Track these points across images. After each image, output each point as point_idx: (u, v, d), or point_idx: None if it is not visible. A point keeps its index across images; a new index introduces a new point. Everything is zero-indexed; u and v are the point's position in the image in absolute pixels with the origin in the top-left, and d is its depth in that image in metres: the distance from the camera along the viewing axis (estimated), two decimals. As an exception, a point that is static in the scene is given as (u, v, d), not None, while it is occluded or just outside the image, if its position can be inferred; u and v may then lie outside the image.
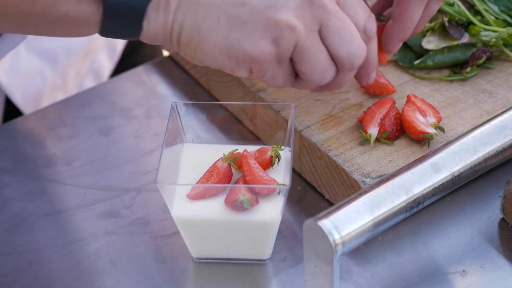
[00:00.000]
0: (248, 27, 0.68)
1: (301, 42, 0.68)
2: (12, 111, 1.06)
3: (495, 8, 0.89)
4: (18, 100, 1.04)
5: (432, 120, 0.79)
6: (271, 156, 0.75)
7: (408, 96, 0.81)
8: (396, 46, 0.80)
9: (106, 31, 0.70)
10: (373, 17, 0.73)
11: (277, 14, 0.68)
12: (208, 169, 0.74)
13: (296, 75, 0.72)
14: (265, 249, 0.74)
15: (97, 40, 1.11)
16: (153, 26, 0.69)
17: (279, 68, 0.70)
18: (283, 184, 0.72)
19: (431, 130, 0.78)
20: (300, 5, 0.68)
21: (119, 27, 0.69)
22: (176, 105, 0.77)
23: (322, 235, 0.66)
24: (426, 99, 0.83)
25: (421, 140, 0.79)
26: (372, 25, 0.72)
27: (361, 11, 0.72)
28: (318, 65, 0.70)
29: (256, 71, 0.70)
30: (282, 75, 0.71)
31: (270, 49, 0.68)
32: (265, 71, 0.70)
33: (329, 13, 0.69)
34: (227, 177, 0.74)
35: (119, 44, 1.14)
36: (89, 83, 1.11)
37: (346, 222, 0.67)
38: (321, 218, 0.67)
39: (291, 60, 0.71)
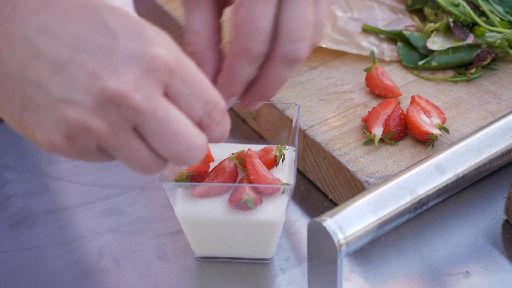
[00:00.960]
0: (40, 114, 0.58)
1: (104, 142, 0.58)
2: None
3: (500, 9, 0.89)
4: None
5: (436, 121, 0.79)
6: (276, 156, 0.75)
7: (412, 97, 0.81)
8: (229, 103, 0.69)
9: None
10: (217, 109, 0.61)
11: (69, 112, 0.57)
12: (214, 168, 0.74)
13: None
14: (268, 248, 0.74)
15: None
16: None
17: (88, 157, 0.61)
18: (287, 184, 0.72)
19: (435, 131, 0.78)
20: (101, 104, 0.57)
21: None
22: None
23: (326, 235, 0.66)
24: (430, 100, 0.83)
25: (426, 140, 0.79)
26: (211, 119, 0.61)
27: (197, 105, 0.60)
28: (135, 163, 0.60)
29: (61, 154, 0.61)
30: (96, 160, 0.61)
31: (63, 144, 0.59)
32: (69, 157, 0.61)
33: (143, 115, 0.57)
34: (233, 177, 0.74)
35: None
36: None
37: (351, 223, 0.67)
38: (326, 218, 0.67)
39: None
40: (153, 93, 0.58)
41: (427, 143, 0.79)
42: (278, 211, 0.72)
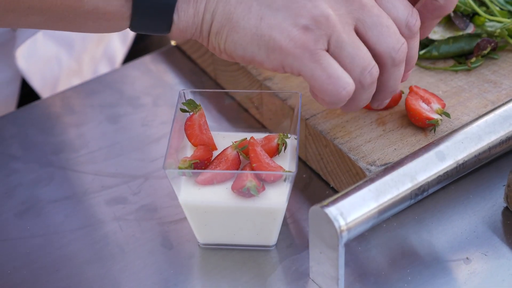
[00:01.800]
0: (279, 15, 0.66)
1: (336, 34, 0.67)
2: (29, 95, 1.07)
3: (500, -1, 0.90)
4: (37, 85, 1.06)
5: (436, 106, 0.80)
6: (278, 144, 0.75)
7: (410, 87, 0.82)
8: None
9: (136, 26, 0.69)
10: (415, 12, 0.71)
11: (310, 3, 0.66)
12: (217, 156, 0.75)
13: None
14: (271, 235, 0.75)
15: None
16: (183, 19, 0.69)
17: (316, 65, 0.67)
18: (289, 171, 0.72)
19: (436, 116, 0.79)
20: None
21: (149, 21, 0.68)
22: (183, 92, 0.77)
23: (328, 221, 0.67)
24: (431, 89, 0.84)
25: (427, 126, 0.79)
26: (415, 20, 0.71)
27: (401, 6, 0.70)
28: (357, 61, 0.67)
29: (287, 64, 0.68)
30: (322, 74, 0.67)
31: (300, 37, 0.66)
32: (298, 65, 0.67)
33: (364, 8, 0.67)
34: (235, 164, 0.74)
35: None
36: (103, 68, 1.12)
37: (352, 209, 0.68)
38: (327, 204, 0.68)
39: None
40: None
41: (428, 130, 0.80)
42: (280, 198, 0.72)
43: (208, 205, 0.73)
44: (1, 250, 0.77)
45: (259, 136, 0.77)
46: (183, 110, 0.76)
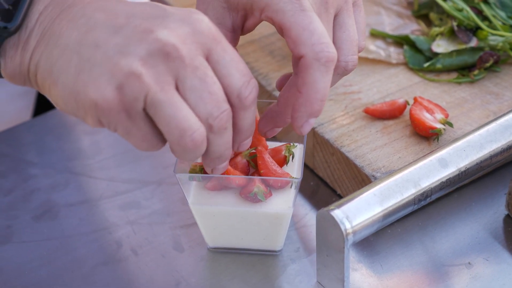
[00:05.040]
0: (96, 71, 0.61)
1: (151, 94, 0.61)
2: (45, 104, 1.09)
3: (503, 14, 0.92)
4: None
5: (439, 116, 0.82)
6: (285, 156, 0.77)
7: (414, 98, 0.84)
8: (304, 123, 0.68)
9: None
10: (253, 83, 0.64)
11: (123, 60, 0.60)
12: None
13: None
14: (277, 240, 0.77)
15: None
16: (10, 65, 0.65)
17: (133, 124, 0.62)
18: (295, 178, 0.74)
19: (439, 126, 0.81)
20: (153, 54, 0.61)
21: None
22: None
23: (334, 224, 0.69)
24: (435, 100, 0.86)
25: (430, 136, 0.82)
26: (249, 92, 0.64)
27: (237, 75, 0.63)
28: (176, 122, 0.61)
29: (105, 122, 0.63)
30: (138, 133, 0.63)
31: (113, 97, 0.61)
32: (115, 123, 0.62)
33: (186, 68, 0.61)
34: (244, 172, 0.76)
35: None
36: None
37: (357, 213, 0.70)
38: (334, 208, 0.70)
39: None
40: (197, 52, 0.62)
41: (431, 139, 0.82)
42: (286, 203, 0.74)
43: (216, 209, 0.74)
44: (18, 251, 0.79)
45: (267, 144, 0.79)
46: None
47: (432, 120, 0.82)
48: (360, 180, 0.80)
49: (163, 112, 0.61)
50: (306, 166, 0.86)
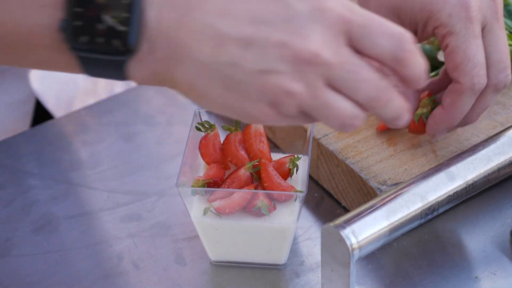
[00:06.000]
0: (244, 88, 0.61)
1: (306, 104, 0.61)
2: (43, 114, 1.09)
3: (509, 22, 0.91)
4: (52, 105, 1.07)
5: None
6: (289, 169, 0.76)
7: None
8: (440, 133, 0.79)
9: (92, 75, 0.64)
10: (407, 36, 0.62)
11: (271, 80, 0.60)
12: (229, 175, 0.76)
13: None
14: (281, 254, 0.76)
15: None
16: (139, 76, 0.63)
17: (295, 120, 0.64)
18: (299, 191, 0.74)
19: (425, 110, 0.80)
20: (297, 67, 0.60)
21: (102, 74, 0.63)
22: (199, 112, 0.79)
23: (340, 239, 0.68)
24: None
25: (421, 125, 0.80)
26: (405, 50, 0.61)
27: (384, 40, 0.61)
28: (336, 119, 0.62)
29: (266, 124, 0.66)
30: (303, 122, 0.64)
31: (269, 112, 0.62)
32: (277, 124, 0.65)
33: (333, 68, 0.60)
34: (248, 185, 0.76)
35: None
36: (119, 89, 1.14)
37: (363, 227, 0.69)
38: (339, 223, 0.69)
39: None
40: (338, 45, 0.61)
41: (438, 150, 0.81)
42: (291, 217, 0.74)
43: (219, 222, 0.74)
44: (18, 265, 0.78)
45: (272, 156, 0.78)
46: (198, 129, 0.78)
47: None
48: (366, 192, 0.79)
49: (320, 114, 0.62)
50: (310, 178, 0.85)
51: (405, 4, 0.76)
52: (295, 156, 0.77)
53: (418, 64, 0.62)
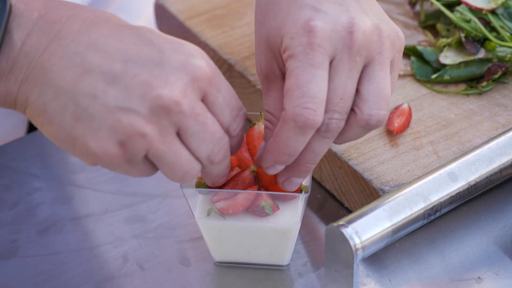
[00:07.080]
0: (95, 122, 0.62)
1: (154, 148, 0.63)
2: None
3: (511, 25, 0.92)
4: None
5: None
6: None
7: None
8: (269, 166, 0.70)
9: None
10: (241, 115, 0.67)
11: (125, 117, 0.62)
12: (233, 176, 0.76)
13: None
14: (284, 255, 0.76)
15: None
16: None
17: (133, 167, 0.65)
18: (302, 192, 0.74)
19: None
20: (155, 111, 0.62)
21: None
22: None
23: (343, 239, 0.69)
24: (443, 112, 0.86)
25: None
26: (237, 124, 0.67)
27: (227, 111, 0.66)
28: (177, 168, 0.65)
29: (103, 166, 0.65)
30: (137, 172, 0.66)
31: (115, 152, 0.63)
32: (113, 169, 0.65)
33: (188, 119, 0.63)
34: (251, 186, 0.76)
35: None
36: None
37: (367, 228, 0.70)
38: (343, 223, 0.69)
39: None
40: (196, 99, 0.64)
41: (440, 151, 0.82)
42: (294, 217, 0.74)
43: (223, 223, 0.74)
44: (23, 266, 0.78)
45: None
46: None
47: None
48: (368, 193, 0.79)
49: (166, 161, 0.64)
50: (313, 179, 0.86)
51: (269, 34, 0.69)
52: None
53: (240, 135, 0.69)
